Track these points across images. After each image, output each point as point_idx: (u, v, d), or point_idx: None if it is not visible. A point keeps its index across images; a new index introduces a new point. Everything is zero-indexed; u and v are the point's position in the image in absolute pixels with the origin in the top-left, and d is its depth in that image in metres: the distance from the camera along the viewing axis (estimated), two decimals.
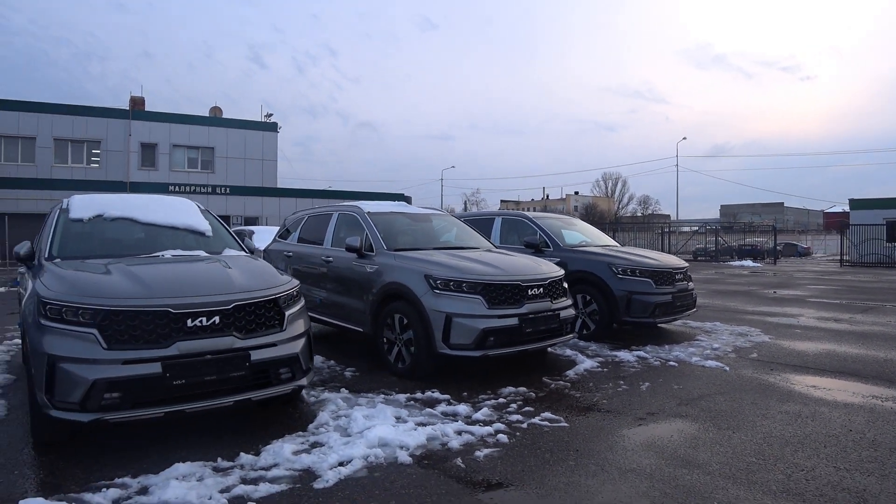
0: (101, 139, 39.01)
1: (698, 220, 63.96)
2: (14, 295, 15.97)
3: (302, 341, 4.71)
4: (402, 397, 5.48)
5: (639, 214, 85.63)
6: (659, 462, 4.07)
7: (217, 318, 4.20)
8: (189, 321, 4.10)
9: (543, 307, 6.31)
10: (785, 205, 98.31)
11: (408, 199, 46.59)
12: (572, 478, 3.79)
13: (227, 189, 39.52)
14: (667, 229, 41.55)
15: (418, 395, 5.57)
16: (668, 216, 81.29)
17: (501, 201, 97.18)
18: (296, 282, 5.07)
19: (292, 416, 5.02)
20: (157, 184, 39.00)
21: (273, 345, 4.43)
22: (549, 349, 7.22)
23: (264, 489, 3.56)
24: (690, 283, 9.08)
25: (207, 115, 44.23)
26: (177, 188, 39.07)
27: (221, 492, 3.52)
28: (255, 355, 4.28)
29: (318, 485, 3.64)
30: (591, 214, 78.39)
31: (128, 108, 40.69)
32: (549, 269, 6.80)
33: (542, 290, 6.38)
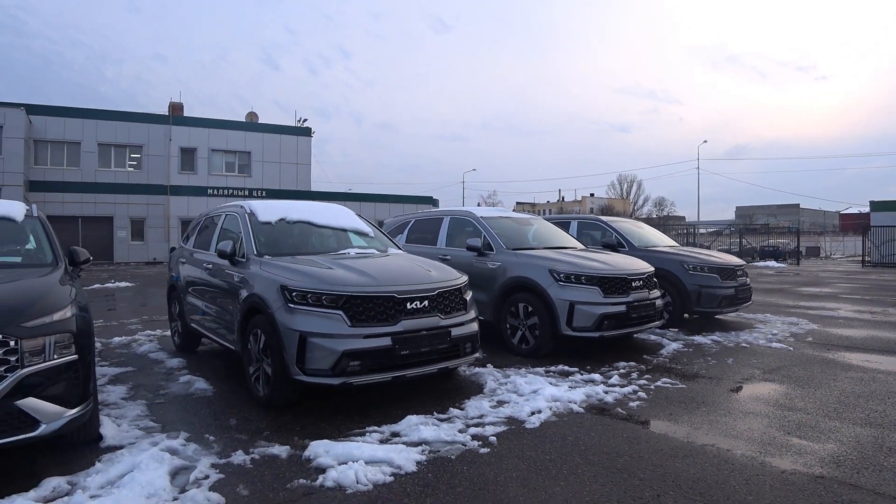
0: (142, 144, 40.48)
1: (715, 222, 65.08)
2: (102, 293, 17.38)
3: (476, 322, 6.02)
4: (540, 370, 6.76)
5: (654, 216, 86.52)
6: (768, 408, 5.39)
7: (427, 302, 5.49)
8: (408, 304, 5.38)
9: (644, 297, 7.64)
10: (801, 206, 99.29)
11: (435, 203, 47.98)
12: (710, 417, 5.11)
13: (264, 192, 40.94)
14: (690, 230, 42.78)
15: (552, 368, 6.86)
16: (684, 218, 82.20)
17: (517, 203, 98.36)
18: (466, 275, 6.35)
19: (460, 385, 6.28)
20: (197, 187, 40.51)
21: (462, 324, 5.73)
22: (635, 335, 8.49)
23: (491, 430, 4.79)
24: (748, 279, 10.36)
25: (243, 120, 45.69)
26: (215, 191, 40.57)
27: (460, 432, 4.76)
28: (454, 332, 5.58)
29: (528, 426, 4.92)
30: (608, 216, 79.39)
31: (167, 114, 42.14)
32: (645, 265, 8.13)
33: (642, 282, 7.71)
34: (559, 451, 4.34)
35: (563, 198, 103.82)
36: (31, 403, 3.76)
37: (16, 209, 6.02)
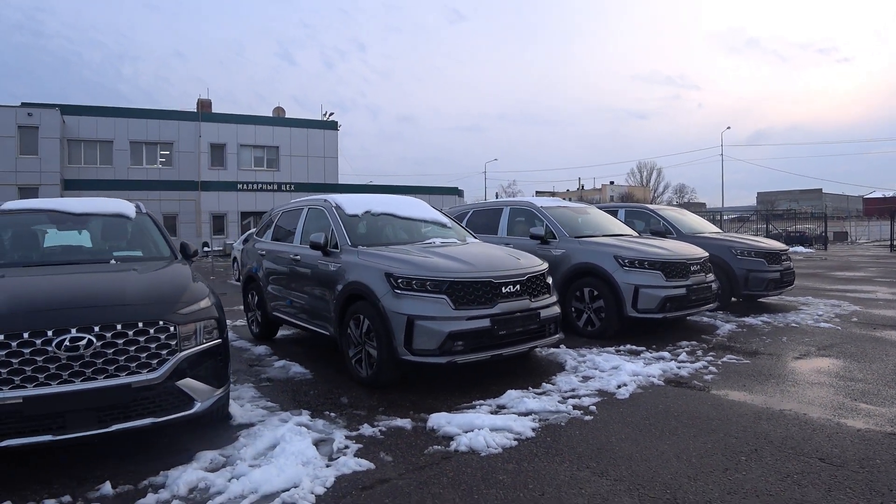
0: (173, 141, 41.38)
1: (736, 208, 65.08)
2: None
3: (558, 305, 6.56)
4: (610, 349, 7.29)
5: (674, 203, 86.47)
6: (830, 379, 5.93)
7: (518, 286, 6.04)
8: (503, 288, 5.92)
9: (701, 280, 8.18)
10: (823, 191, 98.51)
11: (460, 193, 48.45)
12: (780, 387, 5.66)
13: (292, 186, 41.71)
14: (716, 217, 43.04)
15: (620, 348, 7.39)
16: (704, 204, 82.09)
17: (537, 192, 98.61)
18: (546, 262, 6.88)
19: (542, 364, 6.81)
20: (227, 182, 41.26)
21: (548, 306, 6.28)
22: (688, 318, 8.99)
23: (587, 401, 5.32)
24: (791, 263, 10.83)
25: (270, 115, 46.40)
26: (245, 186, 41.33)
27: (560, 402, 5.30)
28: (542, 313, 6.12)
29: (618, 397, 5.47)
30: (629, 203, 79.49)
31: (196, 111, 42.92)
32: (701, 251, 8.68)
33: (699, 266, 8.24)
34: (655, 417, 4.90)
35: (582, 186, 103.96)
36: (188, 383, 4.21)
37: (127, 206, 6.55)
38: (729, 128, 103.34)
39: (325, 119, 46.74)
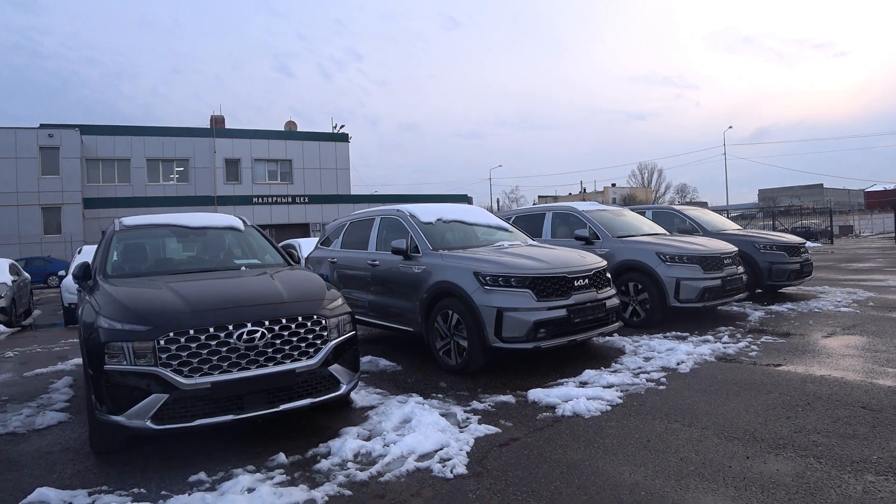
0: (188, 157, 42.39)
1: (738, 206, 66.00)
2: None
3: (618, 296, 7.50)
4: (659, 335, 8.23)
5: (676, 203, 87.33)
6: (858, 351, 6.90)
7: (587, 280, 6.98)
8: (576, 282, 6.86)
9: (734, 272, 9.16)
10: (825, 186, 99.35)
11: (469, 200, 49.39)
12: (817, 359, 6.62)
13: (306, 198, 42.71)
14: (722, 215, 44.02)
15: (667, 334, 8.33)
16: (706, 203, 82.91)
17: (539, 196, 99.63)
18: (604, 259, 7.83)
19: (602, 349, 7.75)
20: (242, 196, 42.21)
21: (610, 297, 7.23)
22: (719, 307, 9.93)
23: (656, 375, 6.27)
24: (809, 255, 11.80)
25: (282, 129, 47.39)
26: (260, 199, 42.27)
27: (634, 377, 6.24)
28: (608, 303, 7.07)
29: (681, 371, 6.42)
30: (630, 205, 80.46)
31: (210, 127, 43.94)
32: (731, 246, 9.68)
33: (730, 260, 9.22)
34: (717, 384, 5.86)
35: (584, 189, 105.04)
36: (336, 368, 4.87)
37: (236, 220, 7.39)
38: (731, 127, 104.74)
39: (335, 132, 47.76)
